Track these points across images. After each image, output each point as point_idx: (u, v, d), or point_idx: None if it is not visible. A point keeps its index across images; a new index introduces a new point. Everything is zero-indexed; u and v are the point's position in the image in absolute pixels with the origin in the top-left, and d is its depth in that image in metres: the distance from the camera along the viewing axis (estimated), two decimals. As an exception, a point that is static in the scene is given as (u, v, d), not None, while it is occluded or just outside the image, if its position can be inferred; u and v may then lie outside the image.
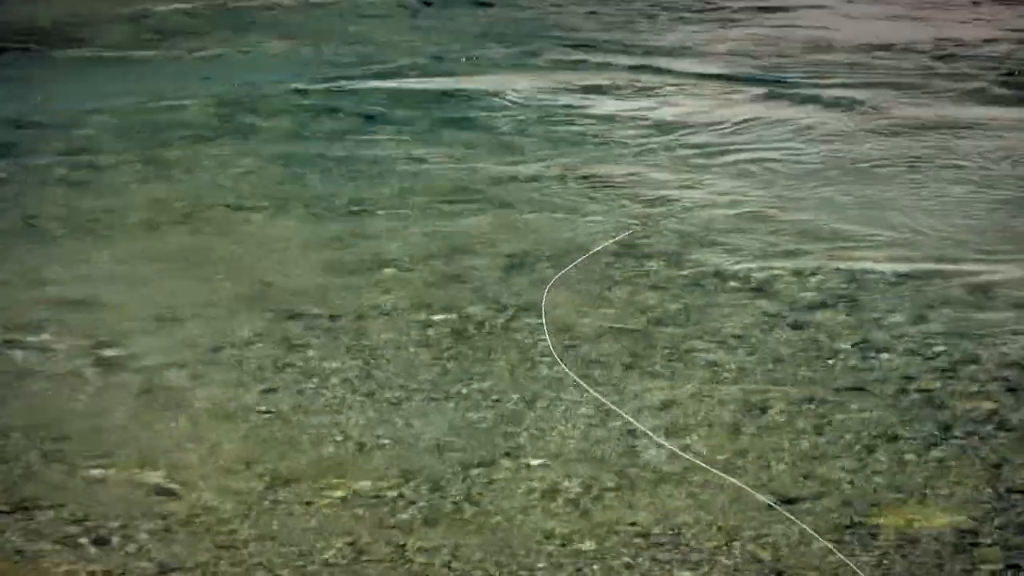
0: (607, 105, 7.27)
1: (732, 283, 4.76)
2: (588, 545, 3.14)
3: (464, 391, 3.97)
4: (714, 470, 3.48)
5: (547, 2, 10.07)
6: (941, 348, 4.21)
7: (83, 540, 3.18)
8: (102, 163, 6.19)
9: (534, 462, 3.55)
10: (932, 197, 5.64)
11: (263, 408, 3.88)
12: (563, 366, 4.09)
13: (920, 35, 8.80)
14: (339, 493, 3.41)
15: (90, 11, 9.71)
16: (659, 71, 7.99)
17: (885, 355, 4.17)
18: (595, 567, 3.05)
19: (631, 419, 3.76)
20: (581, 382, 3.98)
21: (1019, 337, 4.29)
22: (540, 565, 3.05)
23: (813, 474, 3.48)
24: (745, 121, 6.87)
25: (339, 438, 3.70)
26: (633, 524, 3.24)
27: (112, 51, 8.68)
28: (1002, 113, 6.86)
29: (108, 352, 4.26)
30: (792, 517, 3.23)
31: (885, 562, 3.05)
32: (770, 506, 3.30)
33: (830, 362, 4.14)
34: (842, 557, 3.07)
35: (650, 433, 3.69)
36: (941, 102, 7.14)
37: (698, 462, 3.52)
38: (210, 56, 8.53)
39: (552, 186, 5.87)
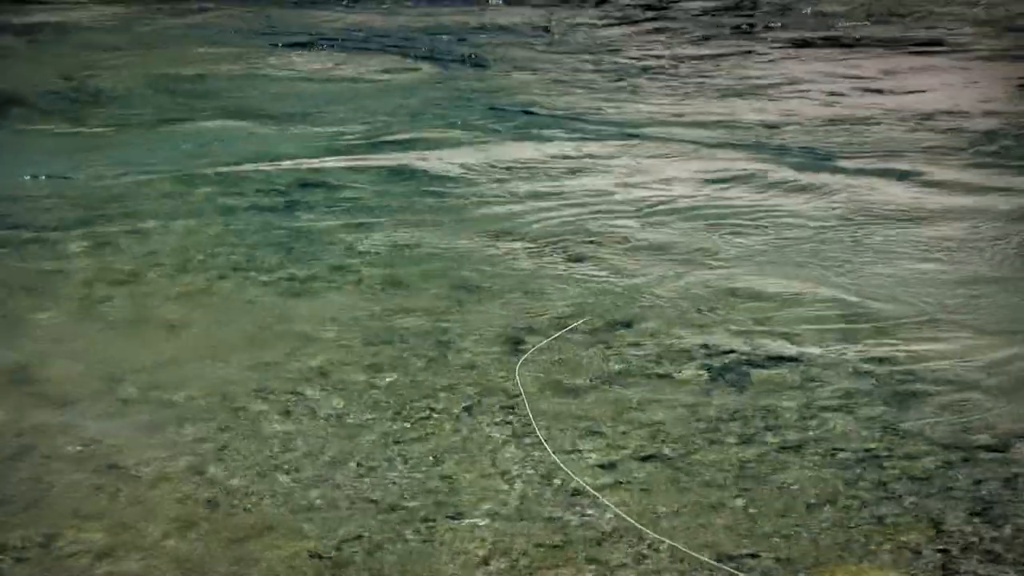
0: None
1: (673, 342, 4.79)
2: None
3: (408, 456, 3.97)
4: (653, 533, 3.50)
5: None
6: (879, 410, 4.24)
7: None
8: (47, 234, 6.15)
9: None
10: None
11: (205, 470, 3.86)
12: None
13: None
14: (282, 552, 3.41)
15: (35, 82, 9.71)
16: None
17: (827, 415, 4.20)
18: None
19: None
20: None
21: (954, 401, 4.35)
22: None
23: (753, 532, 3.50)
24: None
25: (280, 499, 3.69)
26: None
27: (57, 122, 8.66)
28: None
29: (46, 417, 4.22)
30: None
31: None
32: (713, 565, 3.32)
33: (770, 421, 4.16)
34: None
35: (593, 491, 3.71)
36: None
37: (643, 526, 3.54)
38: (159, 129, 8.51)
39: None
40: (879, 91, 9.46)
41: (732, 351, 4.68)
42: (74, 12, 12.69)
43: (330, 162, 7.41)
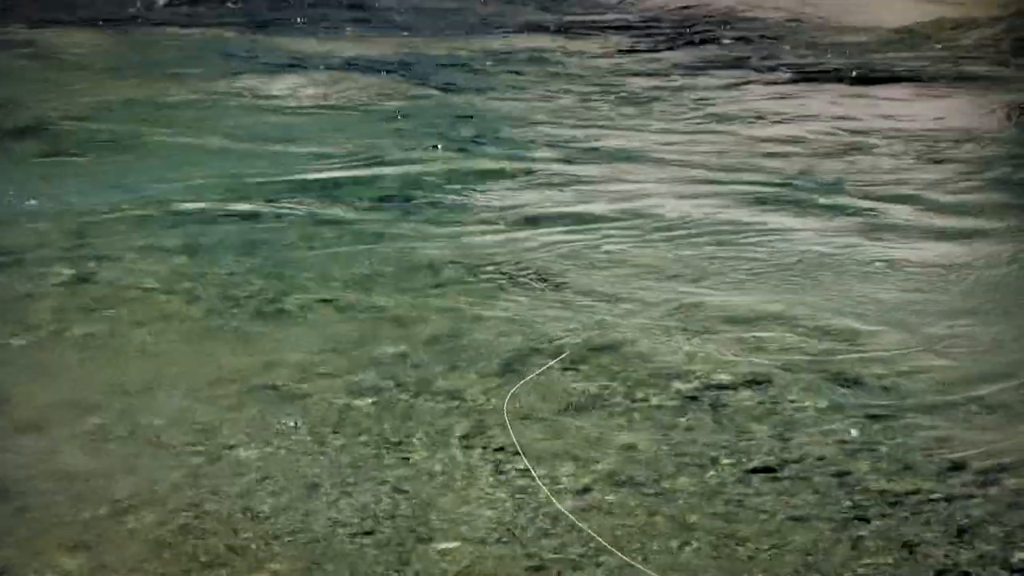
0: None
1: (650, 364, 4.81)
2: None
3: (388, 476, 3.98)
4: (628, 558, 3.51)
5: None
6: (856, 432, 4.27)
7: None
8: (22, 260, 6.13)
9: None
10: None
11: (180, 494, 3.86)
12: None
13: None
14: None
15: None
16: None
17: (800, 438, 4.22)
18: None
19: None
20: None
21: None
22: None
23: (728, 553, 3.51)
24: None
25: (252, 522, 3.69)
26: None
27: (26, 147, 8.59)
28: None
29: (21, 439, 4.21)
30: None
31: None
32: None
33: (745, 443, 4.18)
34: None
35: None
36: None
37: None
38: (129, 157, 8.46)
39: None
40: (882, 121, 9.44)
41: (708, 374, 4.71)
42: (38, 37, 12.61)
43: (297, 194, 7.40)
